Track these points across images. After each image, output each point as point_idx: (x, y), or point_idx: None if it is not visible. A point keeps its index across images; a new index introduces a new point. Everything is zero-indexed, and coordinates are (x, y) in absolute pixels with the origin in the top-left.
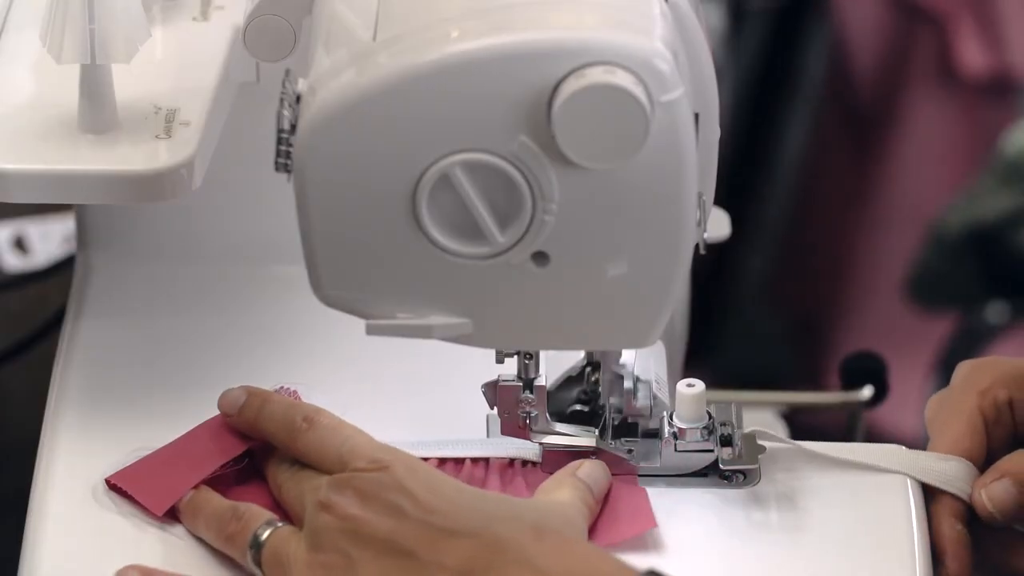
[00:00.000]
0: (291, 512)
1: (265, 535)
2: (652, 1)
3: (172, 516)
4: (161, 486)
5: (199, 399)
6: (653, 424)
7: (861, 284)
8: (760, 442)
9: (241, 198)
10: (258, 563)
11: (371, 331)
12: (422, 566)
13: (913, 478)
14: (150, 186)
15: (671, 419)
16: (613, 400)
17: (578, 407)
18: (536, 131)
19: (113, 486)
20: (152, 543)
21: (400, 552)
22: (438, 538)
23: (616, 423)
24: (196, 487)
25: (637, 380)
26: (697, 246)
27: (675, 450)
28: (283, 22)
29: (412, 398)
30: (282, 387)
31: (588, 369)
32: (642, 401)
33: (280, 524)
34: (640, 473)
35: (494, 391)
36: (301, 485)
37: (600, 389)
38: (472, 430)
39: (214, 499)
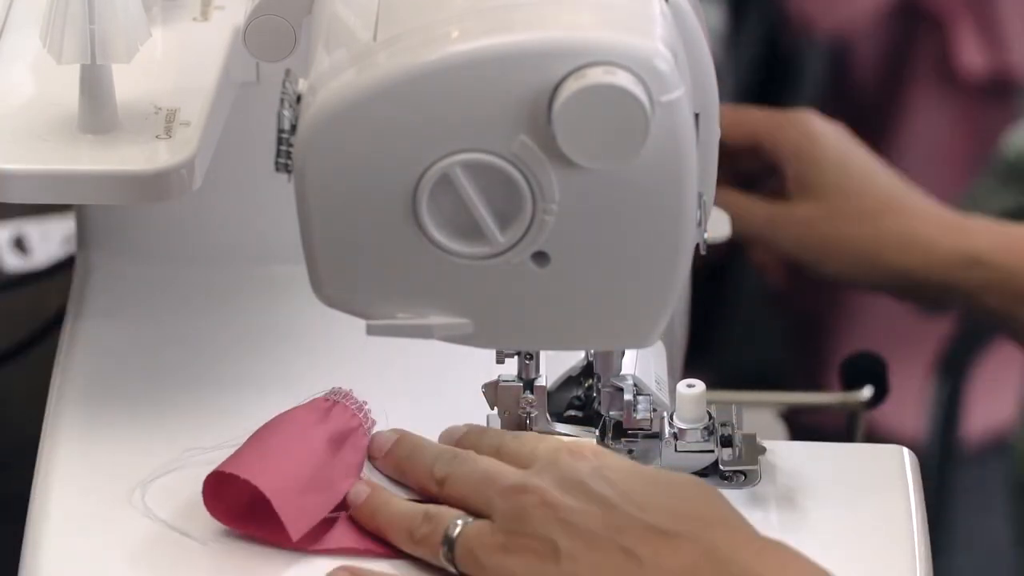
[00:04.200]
0: (463, 507)
1: (456, 532)
2: (652, 1)
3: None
4: (299, 504)
5: (199, 399)
6: (653, 425)
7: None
8: (760, 442)
9: (241, 198)
10: (452, 561)
11: (371, 331)
12: (641, 565)
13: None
14: (150, 186)
15: (671, 419)
16: (613, 413)
17: (578, 408)
18: (536, 131)
19: (234, 484)
20: (154, 544)
21: (618, 549)
22: (658, 539)
23: (615, 424)
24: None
25: (637, 393)
26: (697, 246)
27: (675, 450)
28: (283, 22)
29: (412, 398)
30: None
31: (589, 369)
32: (642, 414)
33: (470, 520)
34: None
35: (494, 391)
36: (472, 478)
37: (594, 395)
38: None
39: (393, 501)
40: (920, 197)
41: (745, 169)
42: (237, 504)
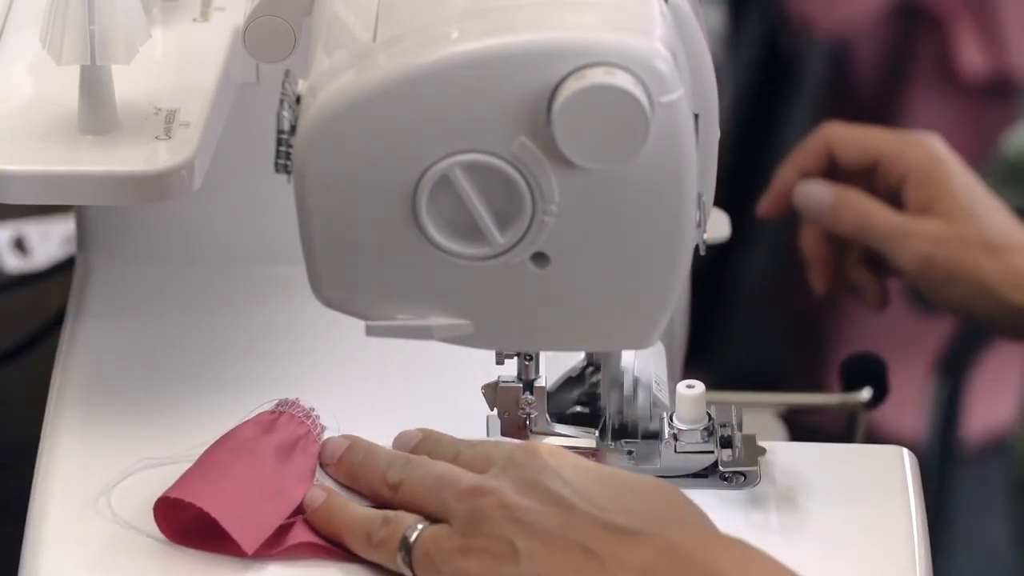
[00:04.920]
0: (417, 511)
1: (414, 536)
2: (652, 2)
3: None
4: (247, 516)
5: (199, 399)
6: (653, 425)
7: None
8: (760, 443)
9: (241, 198)
10: (409, 564)
11: (371, 332)
12: (601, 564)
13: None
14: (150, 187)
15: (671, 420)
16: (612, 405)
17: (578, 409)
18: (536, 132)
19: (178, 507)
20: (154, 545)
21: (577, 547)
22: (617, 537)
23: (616, 426)
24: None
25: (636, 383)
26: (697, 247)
27: (675, 451)
28: (283, 23)
29: (412, 399)
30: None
31: (589, 370)
32: (641, 404)
33: (427, 524)
34: None
35: (494, 392)
36: (427, 481)
37: (600, 391)
38: (472, 431)
39: (351, 505)
40: None
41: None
42: (193, 523)
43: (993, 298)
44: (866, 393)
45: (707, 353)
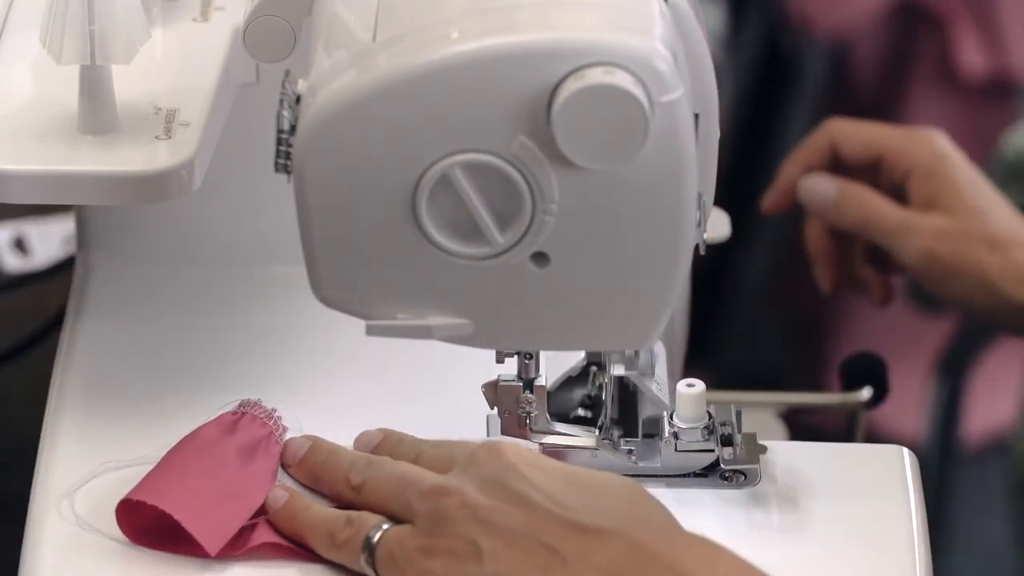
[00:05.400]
0: (380, 511)
1: (377, 536)
2: (652, 1)
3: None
4: (210, 518)
5: (199, 399)
6: (653, 411)
7: None
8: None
9: (241, 198)
10: (372, 565)
11: (371, 332)
12: (564, 563)
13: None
14: (150, 186)
15: (671, 419)
16: (612, 404)
17: (582, 412)
18: (536, 131)
19: (140, 509)
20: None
21: (541, 546)
22: (581, 536)
23: (615, 417)
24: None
25: (636, 382)
26: (697, 246)
27: (675, 450)
28: (283, 23)
29: (412, 399)
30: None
31: (594, 370)
32: (641, 404)
33: (391, 524)
34: (640, 473)
35: (494, 391)
36: (390, 482)
37: (601, 391)
38: (472, 430)
39: (314, 505)
40: None
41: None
42: (156, 524)
43: (995, 294)
44: (866, 393)
45: (707, 353)
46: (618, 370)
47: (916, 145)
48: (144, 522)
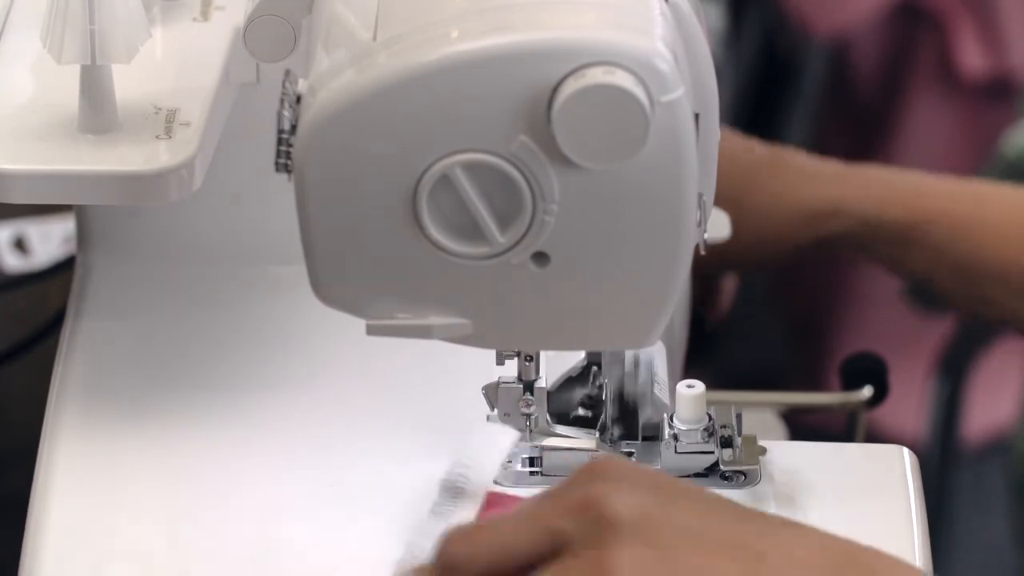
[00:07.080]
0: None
1: None
2: (652, 1)
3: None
4: None
5: (199, 399)
6: (652, 412)
7: (861, 284)
8: (760, 443)
9: (241, 198)
10: None
11: (371, 331)
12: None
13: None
14: (150, 186)
15: (671, 420)
16: (613, 405)
17: (582, 412)
18: (536, 131)
19: None
20: (155, 546)
21: (746, 550)
22: (782, 537)
23: (616, 416)
24: None
25: (637, 361)
26: (697, 246)
27: (675, 452)
28: (283, 22)
29: (412, 400)
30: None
31: (594, 370)
32: (643, 380)
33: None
34: None
35: (494, 393)
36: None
37: (601, 391)
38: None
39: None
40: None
41: None
42: None
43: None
44: (866, 392)
45: (707, 352)
46: (616, 384)
47: None
48: None
